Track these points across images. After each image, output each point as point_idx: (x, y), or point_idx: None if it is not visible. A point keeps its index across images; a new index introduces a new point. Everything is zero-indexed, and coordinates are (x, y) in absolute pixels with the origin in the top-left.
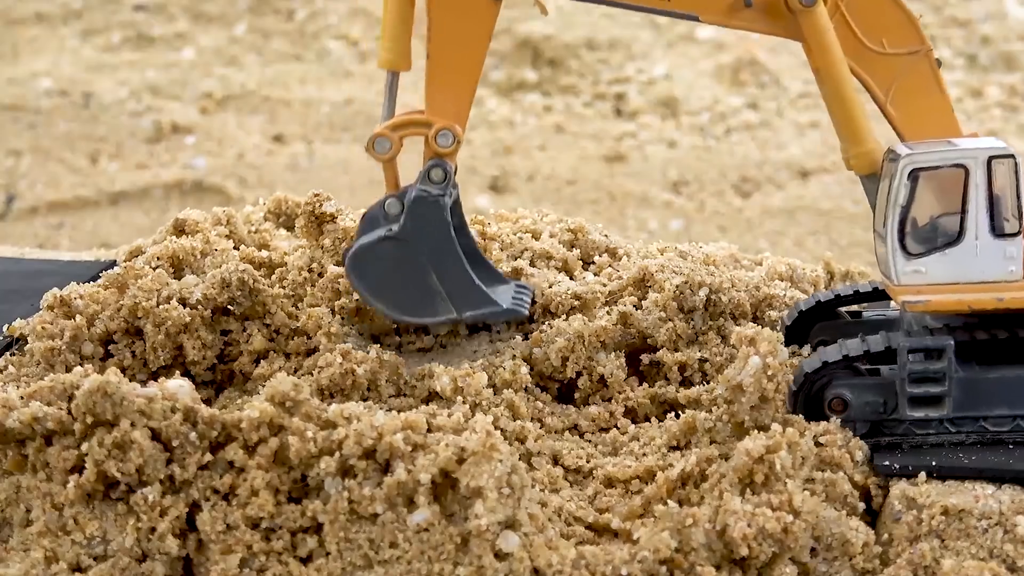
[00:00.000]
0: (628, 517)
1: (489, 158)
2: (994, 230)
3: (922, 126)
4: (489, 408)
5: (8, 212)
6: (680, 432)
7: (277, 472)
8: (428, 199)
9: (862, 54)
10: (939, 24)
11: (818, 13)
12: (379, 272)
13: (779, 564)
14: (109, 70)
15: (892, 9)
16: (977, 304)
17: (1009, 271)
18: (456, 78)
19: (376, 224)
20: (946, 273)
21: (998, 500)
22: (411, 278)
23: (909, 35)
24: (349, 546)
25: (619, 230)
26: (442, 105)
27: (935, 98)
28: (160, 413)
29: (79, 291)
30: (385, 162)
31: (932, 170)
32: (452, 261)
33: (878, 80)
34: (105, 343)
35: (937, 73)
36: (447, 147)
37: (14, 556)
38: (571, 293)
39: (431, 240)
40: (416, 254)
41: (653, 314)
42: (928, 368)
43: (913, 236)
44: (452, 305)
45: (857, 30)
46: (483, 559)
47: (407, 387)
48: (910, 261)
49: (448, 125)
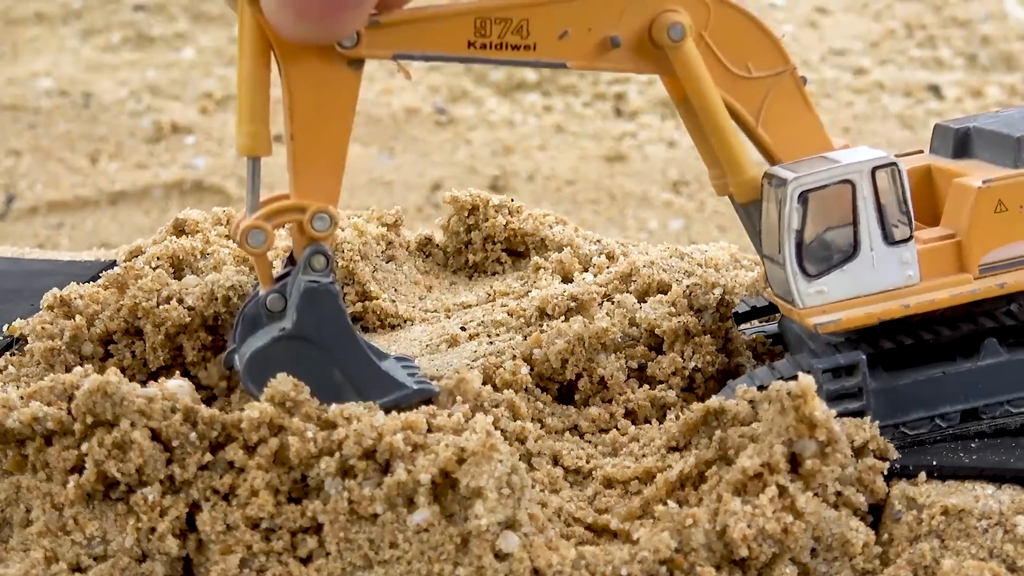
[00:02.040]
0: (627, 518)
1: (489, 158)
2: (886, 238)
3: (795, 145)
4: (489, 409)
5: (8, 212)
6: (680, 433)
7: (277, 472)
8: (319, 289)
9: (729, 81)
10: (939, 24)
11: (687, 47)
12: (277, 373)
13: (779, 564)
14: (109, 70)
15: (754, 32)
16: (886, 314)
17: (908, 276)
18: (324, 156)
19: (258, 324)
20: (848, 288)
21: (998, 500)
22: (313, 375)
23: (773, 56)
24: (349, 546)
25: (619, 230)
26: (312, 187)
27: (804, 116)
28: (160, 413)
29: (79, 291)
30: (258, 256)
31: (820, 190)
32: (353, 351)
33: (747, 105)
34: (105, 343)
35: (803, 91)
36: (324, 231)
37: (14, 556)
38: (567, 295)
39: (329, 332)
40: (315, 349)
41: (660, 310)
42: (844, 385)
43: (811, 257)
44: (360, 396)
45: (722, 58)
46: (483, 559)
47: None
48: (811, 282)
49: (322, 207)
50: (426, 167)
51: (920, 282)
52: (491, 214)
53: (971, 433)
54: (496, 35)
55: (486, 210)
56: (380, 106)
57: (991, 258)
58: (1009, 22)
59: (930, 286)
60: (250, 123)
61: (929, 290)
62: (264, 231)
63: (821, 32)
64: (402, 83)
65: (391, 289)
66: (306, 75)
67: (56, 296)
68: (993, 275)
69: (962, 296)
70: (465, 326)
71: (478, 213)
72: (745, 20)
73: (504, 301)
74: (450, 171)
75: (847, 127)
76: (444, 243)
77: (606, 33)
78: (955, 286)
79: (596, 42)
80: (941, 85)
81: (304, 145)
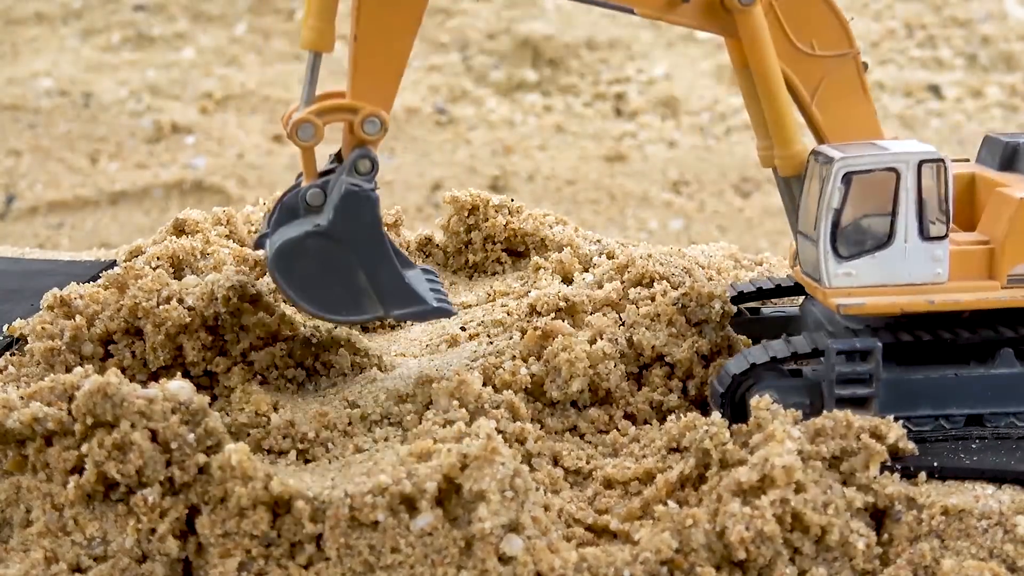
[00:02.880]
0: (628, 518)
1: (489, 158)
2: (922, 233)
3: (846, 128)
4: (489, 410)
5: (8, 212)
6: (679, 434)
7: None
8: (360, 194)
9: (791, 54)
10: (939, 24)
11: (755, 13)
12: (305, 269)
13: (779, 565)
14: (109, 70)
15: (824, 11)
16: (909, 307)
17: (936, 273)
18: (385, 62)
19: (295, 214)
20: (875, 276)
21: (998, 500)
22: (338, 275)
23: (839, 37)
24: (349, 552)
25: (619, 230)
26: (369, 90)
27: (860, 101)
28: (160, 415)
29: (79, 291)
30: (306, 149)
31: (865, 173)
32: (383, 259)
33: (805, 81)
34: (105, 343)
35: (863, 77)
36: (374, 134)
37: (14, 556)
38: (560, 295)
39: (362, 237)
40: (345, 251)
41: (661, 333)
42: (856, 370)
43: (845, 239)
44: (380, 303)
45: (788, 30)
46: (487, 563)
47: (409, 397)
48: (841, 264)
49: (375, 111)
50: (426, 167)
51: (947, 281)
52: (491, 214)
53: (972, 437)
54: None
55: (486, 210)
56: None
57: (1021, 270)
58: (1009, 22)
59: (957, 287)
60: (317, 19)
61: (956, 291)
62: (314, 125)
63: None
64: (402, 83)
65: None
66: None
67: (56, 296)
68: (1021, 287)
69: (988, 302)
70: (465, 326)
71: (478, 213)
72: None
73: (504, 301)
74: (450, 171)
75: None
76: (444, 243)
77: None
78: (982, 291)
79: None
80: (941, 85)
81: (366, 47)
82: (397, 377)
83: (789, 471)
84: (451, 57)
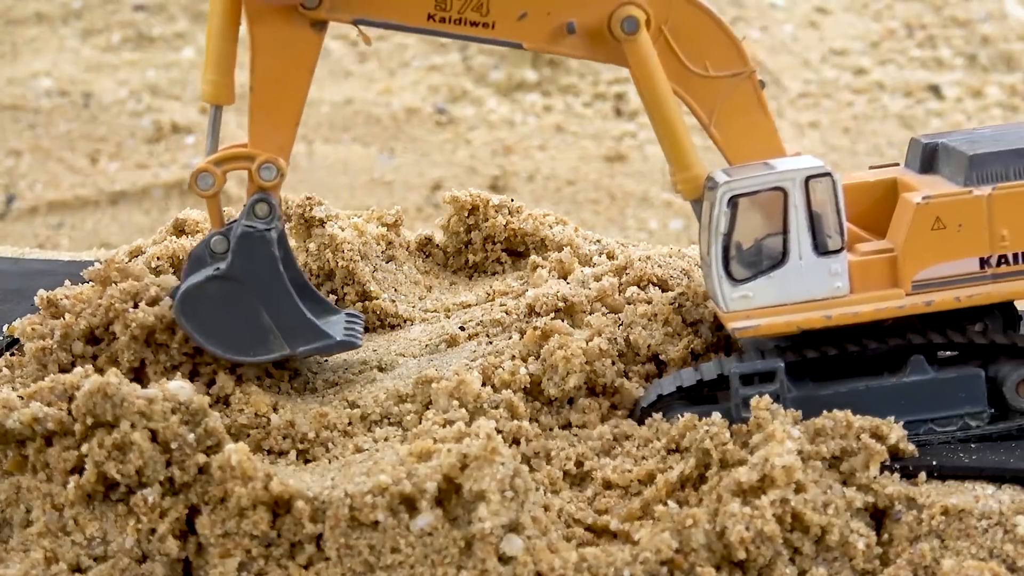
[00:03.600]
0: (627, 518)
1: (489, 158)
2: (817, 248)
3: (745, 148)
4: (488, 410)
5: (8, 212)
6: (679, 434)
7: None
8: (254, 235)
9: (685, 77)
10: (939, 24)
11: (641, 40)
12: (209, 312)
13: (779, 565)
14: (109, 70)
15: (714, 32)
16: (806, 323)
17: (835, 287)
18: (279, 111)
19: (203, 263)
20: (773, 295)
21: (998, 500)
22: (241, 316)
23: (732, 57)
24: (349, 552)
25: (619, 230)
26: (265, 138)
27: (758, 120)
28: (160, 415)
29: (66, 291)
30: (208, 198)
31: (751, 195)
32: (282, 297)
33: (701, 103)
34: (90, 340)
35: (760, 95)
36: (270, 180)
37: (14, 556)
38: (559, 295)
39: (259, 276)
40: (245, 292)
41: (657, 332)
42: (760, 391)
43: (738, 261)
44: (284, 341)
45: (680, 53)
46: (487, 563)
47: (409, 397)
48: (736, 287)
49: (271, 158)
50: (426, 167)
51: (850, 294)
52: (491, 214)
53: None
54: (456, 10)
55: (486, 210)
56: (380, 106)
57: (925, 275)
58: (1009, 22)
59: (859, 299)
60: (215, 73)
61: (856, 303)
62: (213, 175)
63: (821, 32)
64: (402, 83)
65: (391, 289)
66: (269, 33)
67: (43, 297)
68: (925, 292)
69: (887, 311)
70: (464, 326)
71: (478, 213)
72: (707, 19)
73: (503, 301)
74: (450, 171)
75: (847, 127)
76: (444, 243)
77: (564, 18)
78: (883, 301)
79: (554, 26)
80: (941, 85)
81: (261, 99)
82: (397, 377)
83: (789, 471)
84: (451, 57)
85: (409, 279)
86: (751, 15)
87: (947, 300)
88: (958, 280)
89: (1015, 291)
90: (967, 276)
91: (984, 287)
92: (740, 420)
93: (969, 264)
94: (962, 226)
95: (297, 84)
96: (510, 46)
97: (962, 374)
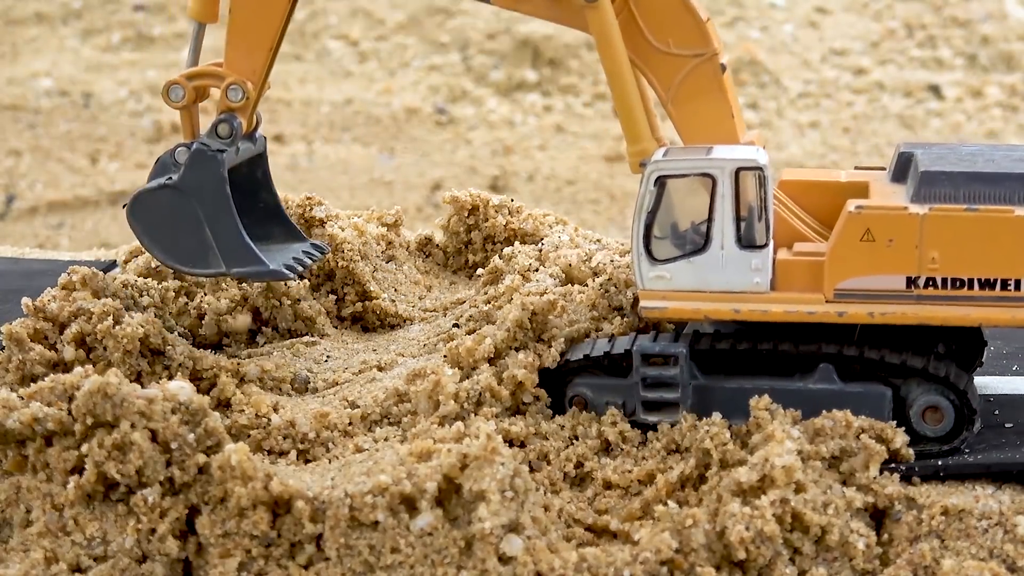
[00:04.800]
0: (627, 518)
1: (489, 158)
2: (740, 241)
3: (699, 129)
4: (470, 408)
5: (8, 212)
6: (679, 435)
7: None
8: (207, 153)
9: (647, 51)
10: (939, 24)
11: (603, 9)
12: (157, 219)
13: (779, 565)
14: (109, 70)
15: (680, 10)
16: (714, 314)
17: (754, 282)
18: (253, 34)
19: (167, 170)
20: (691, 281)
21: (998, 500)
22: (186, 229)
23: (696, 38)
24: (349, 552)
25: (619, 230)
26: (237, 60)
27: (715, 102)
28: (160, 415)
29: (51, 294)
30: (180, 109)
31: (679, 178)
32: (224, 216)
33: (661, 79)
34: (82, 345)
35: (720, 78)
36: (237, 101)
37: (14, 556)
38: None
39: (206, 194)
40: (192, 206)
41: (585, 314)
42: (662, 374)
43: (660, 242)
44: (222, 260)
45: (644, 27)
46: (487, 563)
47: (407, 397)
48: (655, 267)
49: (239, 80)
50: (426, 167)
51: (771, 291)
52: (491, 214)
53: None
54: None
55: (486, 210)
56: (380, 106)
57: (849, 285)
58: (1009, 22)
59: (776, 298)
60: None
61: (771, 301)
62: (184, 88)
63: (821, 32)
64: (402, 83)
65: (391, 289)
66: None
67: (30, 305)
68: (843, 302)
69: (796, 315)
70: (459, 322)
71: (478, 213)
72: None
73: (488, 290)
74: (450, 171)
75: (847, 127)
76: (444, 243)
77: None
78: (797, 304)
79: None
80: (941, 85)
81: (237, 21)
82: (397, 377)
83: (789, 471)
84: (451, 57)
85: (409, 279)
86: (751, 15)
87: (860, 314)
88: (882, 295)
89: (937, 316)
90: (892, 293)
91: (905, 307)
92: (637, 398)
93: (895, 281)
94: (892, 241)
95: (274, 11)
96: (482, 0)
97: (868, 390)
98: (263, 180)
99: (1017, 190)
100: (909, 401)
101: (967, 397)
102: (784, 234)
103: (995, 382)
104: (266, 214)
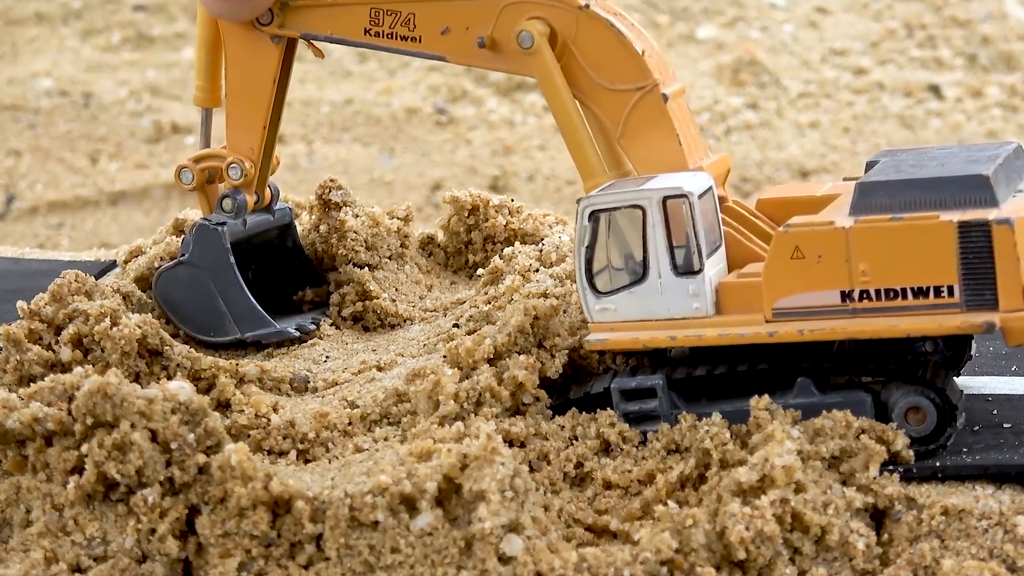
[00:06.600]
0: (627, 518)
1: (489, 158)
2: (676, 268)
3: (647, 160)
4: (470, 408)
5: (8, 212)
6: (679, 435)
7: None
8: (208, 227)
9: (591, 89)
10: (939, 24)
11: (541, 54)
12: (178, 294)
13: (779, 565)
14: (109, 70)
15: (614, 46)
16: (652, 342)
17: (694, 308)
18: (246, 116)
19: (186, 247)
20: (635, 311)
21: (998, 500)
22: (203, 300)
23: (633, 71)
24: (349, 552)
25: None
26: (237, 141)
27: (662, 132)
28: (160, 415)
29: (44, 297)
30: (193, 191)
31: (610, 211)
32: (232, 285)
33: (609, 115)
34: (79, 347)
35: (663, 108)
36: (237, 179)
37: (14, 556)
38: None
39: (214, 265)
40: (204, 279)
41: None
42: (643, 407)
43: (603, 275)
44: (236, 326)
45: (585, 66)
46: (487, 563)
47: (407, 397)
48: (600, 299)
49: (238, 160)
50: (426, 167)
51: (714, 315)
52: (491, 214)
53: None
54: (388, 25)
55: (486, 210)
56: (380, 106)
57: (786, 304)
58: (1009, 22)
59: (720, 321)
60: (202, 79)
61: (709, 326)
62: (192, 171)
63: (821, 32)
64: (402, 83)
65: (391, 288)
66: (237, 46)
67: (25, 309)
68: (780, 321)
69: (729, 338)
70: (459, 323)
71: (478, 213)
72: (608, 34)
73: (489, 290)
74: (450, 171)
75: (847, 127)
76: (444, 243)
77: (481, 33)
78: (732, 327)
79: (472, 40)
80: (941, 85)
81: (232, 104)
82: (396, 377)
83: (789, 471)
84: None
85: (410, 278)
86: (751, 15)
87: (791, 332)
88: (819, 311)
89: (867, 329)
90: (829, 308)
91: (841, 322)
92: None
93: (830, 296)
94: (821, 257)
95: (262, 93)
96: (437, 59)
97: (848, 399)
98: (294, 249)
99: (951, 194)
100: (890, 405)
101: (946, 394)
102: (740, 256)
103: (993, 382)
104: (302, 279)
